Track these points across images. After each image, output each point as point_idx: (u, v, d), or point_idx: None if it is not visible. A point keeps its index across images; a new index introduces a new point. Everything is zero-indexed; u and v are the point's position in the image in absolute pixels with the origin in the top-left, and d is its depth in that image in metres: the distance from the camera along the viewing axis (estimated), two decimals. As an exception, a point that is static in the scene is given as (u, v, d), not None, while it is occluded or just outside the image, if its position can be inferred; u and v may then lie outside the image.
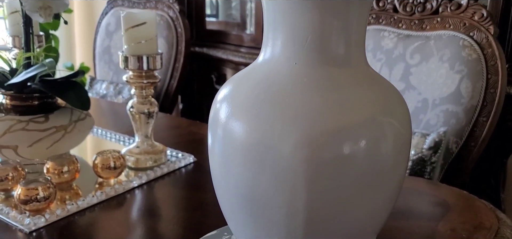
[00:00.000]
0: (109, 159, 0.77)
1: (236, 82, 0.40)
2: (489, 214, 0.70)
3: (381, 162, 0.37)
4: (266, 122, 0.36)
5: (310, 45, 0.37)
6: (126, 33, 0.80)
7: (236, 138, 0.37)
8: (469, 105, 0.96)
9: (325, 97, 0.36)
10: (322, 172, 0.35)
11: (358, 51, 0.38)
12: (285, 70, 0.37)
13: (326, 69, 0.37)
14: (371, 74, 0.39)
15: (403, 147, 0.38)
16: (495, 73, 0.96)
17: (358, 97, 0.37)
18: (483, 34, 0.98)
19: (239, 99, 0.38)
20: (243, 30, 1.80)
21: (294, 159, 0.35)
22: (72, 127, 0.83)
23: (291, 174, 0.35)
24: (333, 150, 0.35)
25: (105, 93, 1.61)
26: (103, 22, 1.77)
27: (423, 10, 1.07)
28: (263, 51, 0.40)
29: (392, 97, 0.38)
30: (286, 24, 0.37)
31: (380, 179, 0.37)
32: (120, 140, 1.00)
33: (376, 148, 0.36)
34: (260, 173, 0.36)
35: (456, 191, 0.78)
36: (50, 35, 2.03)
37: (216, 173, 0.42)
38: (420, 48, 1.04)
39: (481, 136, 0.96)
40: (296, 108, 0.35)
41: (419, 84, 1.02)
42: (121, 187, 0.75)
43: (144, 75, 0.82)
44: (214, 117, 0.41)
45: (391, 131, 0.37)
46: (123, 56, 0.81)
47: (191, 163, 0.86)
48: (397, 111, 0.38)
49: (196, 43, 1.78)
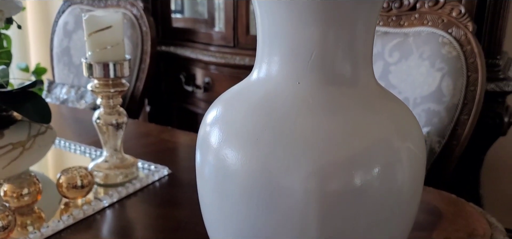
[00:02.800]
0: (75, 177, 0.69)
1: (228, 103, 0.35)
2: (480, 220, 0.68)
3: (397, 189, 0.33)
4: (269, 152, 0.30)
5: (314, 62, 0.32)
6: (90, 38, 0.73)
7: (232, 170, 0.32)
8: (450, 103, 0.94)
9: (334, 121, 0.31)
10: (336, 207, 0.30)
11: (366, 67, 0.34)
12: (287, 91, 0.32)
13: (333, 89, 0.32)
14: (381, 92, 0.35)
15: (419, 171, 0.34)
16: (475, 70, 0.94)
17: (370, 120, 0.32)
18: (462, 31, 0.96)
19: (234, 124, 0.33)
20: (212, 28, 1.73)
21: (303, 195, 0.30)
22: (31, 143, 0.75)
23: (301, 211, 0.30)
24: (345, 180, 0.30)
25: (65, 98, 1.50)
26: (60, 21, 1.66)
27: (400, 6, 1.05)
28: (257, 68, 0.35)
29: (405, 117, 0.34)
30: (286, 39, 0.32)
31: (397, 207, 0.33)
32: (86, 152, 0.92)
33: (392, 174, 0.32)
34: (264, 213, 0.31)
35: (444, 195, 0.76)
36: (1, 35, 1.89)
37: (206, 201, 0.36)
38: (399, 46, 1.02)
39: (463, 134, 0.94)
40: (302, 136, 0.30)
41: (399, 83, 1.00)
42: (90, 207, 0.68)
43: (111, 83, 0.75)
44: (203, 139, 0.35)
45: (406, 154, 0.33)
46: (87, 63, 0.73)
47: (165, 176, 0.80)
48: (412, 133, 0.34)
49: (162, 42, 1.70)
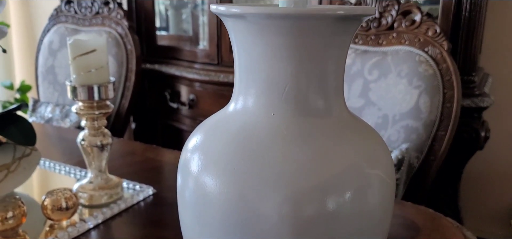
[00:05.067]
0: (60, 199, 0.70)
1: (208, 132, 0.37)
2: (456, 233, 0.70)
3: (368, 213, 0.35)
4: (245, 180, 0.32)
5: (288, 95, 0.34)
6: (74, 62, 0.74)
7: (210, 196, 0.34)
8: (428, 120, 0.97)
9: (306, 150, 0.33)
10: (309, 231, 0.32)
11: (338, 99, 0.36)
12: (263, 122, 0.34)
13: (306, 120, 0.34)
14: (352, 121, 0.37)
15: (388, 195, 0.36)
16: (451, 88, 0.97)
17: (340, 148, 0.34)
18: (437, 50, 1.00)
19: (213, 153, 0.35)
20: (196, 45, 1.75)
21: (278, 220, 0.32)
22: (16, 165, 0.75)
23: (276, 236, 0.32)
24: (318, 205, 0.32)
25: (50, 117, 1.50)
26: (45, 39, 1.66)
27: (378, 25, 1.08)
28: (235, 99, 0.37)
29: (375, 145, 0.36)
30: (261, 73, 0.34)
31: (369, 230, 0.35)
32: (71, 172, 0.92)
33: (363, 198, 0.34)
34: (240, 236, 0.32)
35: (422, 209, 0.78)
36: (-15, 53, 1.88)
37: (187, 222, 0.38)
38: (378, 64, 1.05)
39: (440, 149, 0.97)
40: (277, 164, 0.32)
41: (379, 100, 1.02)
42: (75, 229, 0.69)
43: (96, 105, 0.76)
44: (184, 164, 0.37)
45: (376, 179, 0.35)
46: (71, 86, 0.74)
47: (150, 195, 0.81)
48: (381, 160, 0.36)
49: (147, 60, 1.71)
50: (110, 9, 1.56)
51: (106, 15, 1.57)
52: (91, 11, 1.60)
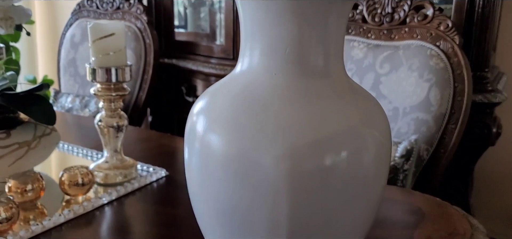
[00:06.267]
0: (76, 175, 0.73)
1: (213, 94, 0.39)
2: (462, 221, 0.71)
3: (363, 172, 0.36)
4: (246, 135, 0.35)
5: (289, 56, 0.36)
6: (94, 45, 0.77)
7: (214, 152, 0.36)
8: (438, 113, 0.98)
9: (306, 108, 0.35)
10: (304, 184, 0.34)
11: (337, 62, 0.38)
12: (265, 81, 0.36)
13: (306, 80, 0.36)
14: (350, 85, 0.39)
15: (384, 157, 0.38)
16: (462, 81, 0.98)
17: (339, 108, 0.36)
18: (449, 44, 1.00)
19: (217, 112, 0.37)
20: (213, 41, 1.79)
21: (275, 172, 0.34)
22: (37, 143, 0.79)
23: (272, 187, 0.34)
24: (314, 161, 0.34)
25: (70, 107, 1.55)
26: (68, 33, 1.72)
27: (391, 20, 1.09)
28: (241, 62, 0.39)
29: (372, 107, 0.38)
30: (264, 35, 0.36)
31: (362, 189, 0.37)
32: (88, 155, 0.96)
33: (358, 158, 0.36)
34: (240, 187, 0.35)
35: (429, 198, 0.78)
36: (10, 47, 1.95)
37: (194, 187, 0.40)
38: (389, 58, 1.06)
39: (450, 143, 0.98)
40: (276, 121, 0.34)
41: (390, 93, 1.04)
42: (90, 204, 0.72)
43: (113, 87, 0.79)
44: (190, 130, 0.39)
45: (372, 141, 0.37)
46: (91, 68, 0.78)
47: (163, 177, 0.84)
48: (377, 122, 0.38)
49: (165, 55, 1.75)
50: (130, 4, 1.61)
51: (126, 10, 1.62)
52: (112, 6, 1.65)
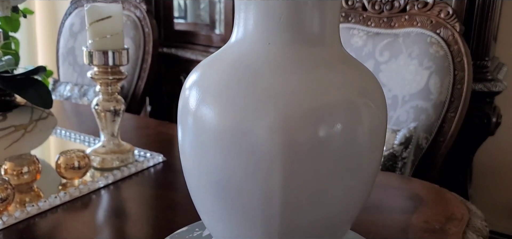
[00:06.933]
0: (73, 159, 0.73)
1: (206, 66, 0.38)
2: (460, 206, 0.70)
3: (358, 144, 0.36)
4: (239, 105, 0.34)
5: (283, 24, 0.35)
6: (91, 28, 0.77)
7: (207, 124, 0.35)
8: (437, 101, 0.98)
9: (300, 77, 0.34)
10: (298, 155, 0.34)
11: (333, 32, 0.37)
12: (259, 51, 0.36)
13: (301, 49, 0.36)
14: (346, 55, 0.38)
15: (379, 129, 0.37)
16: (462, 69, 0.97)
17: (334, 78, 0.35)
18: (449, 31, 1.00)
19: (210, 83, 0.36)
20: (212, 30, 1.78)
21: (269, 142, 0.33)
22: (33, 126, 0.79)
23: (266, 157, 0.33)
24: (309, 132, 0.34)
25: (69, 96, 1.55)
26: (67, 22, 1.71)
27: (391, 8, 1.08)
28: (235, 32, 0.38)
29: (368, 79, 0.38)
30: (258, 2, 0.35)
31: (357, 161, 0.36)
32: (85, 140, 0.96)
33: (353, 129, 0.35)
34: (234, 158, 0.34)
35: (427, 184, 0.78)
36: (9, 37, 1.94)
37: (188, 164, 0.40)
38: (389, 46, 1.05)
39: (449, 131, 0.97)
40: (270, 90, 0.34)
41: (389, 81, 1.03)
42: (86, 187, 0.71)
43: (110, 71, 0.79)
44: (183, 107, 0.39)
45: (367, 112, 0.36)
46: (87, 51, 0.77)
47: (160, 162, 0.83)
48: (373, 93, 0.37)
49: (164, 44, 1.74)
50: (129, -7, 1.60)
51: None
52: (111, -5, 1.64)
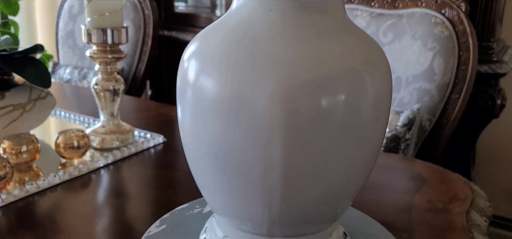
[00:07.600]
0: (72, 138, 0.72)
1: (205, 35, 0.37)
2: (463, 186, 0.70)
3: (362, 114, 0.34)
4: (239, 74, 0.33)
5: (285, -10, 0.34)
6: (89, 5, 0.75)
7: (207, 94, 0.34)
8: (441, 82, 0.96)
9: (302, 45, 0.33)
10: (299, 125, 0.33)
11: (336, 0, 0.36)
12: (259, 18, 0.34)
13: (303, 16, 0.34)
14: (350, 24, 0.37)
15: (384, 98, 0.36)
16: (467, 50, 0.96)
17: (337, 46, 0.34)
18: (455, 11, 0.98)
19: (209, 52, 0.35)
20: (213, 13, 1.76)
21: (269, 112, 0.32)
22: (32, 106, 0.78)
23: (266, 127, 0.32)
24: (310, 101, 0.32)
25: (69, 78, 1.54)
26: (66, 5, 1.69)
27: (395, -12, 1.07)
28: (233, 4, 0.37)
29: (372, 48, 0.36)
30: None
31: (361, 132, 0.35)
32: (85, 121, 0.95)
33: (356, 99, 0.34)
34: (233, 127, 0.33)
35: (430, 165, 0.77)
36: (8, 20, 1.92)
37: (188, 138, 0.39)
38: (393, 27, 1.03)
39: (453, 113, 0.96)
40: (271, 58, 0.32)
41: (392, 63, 1.01)
42: (86, 167, 0.70)
43: (109, 49, 0.77)
44: (182, 80, 0.37)
45: (371, 81, 0.35)
46: (86, 29, 0.76)
47: (161, 143, 0.83)
48: (377, 62, 0.36)
49: (164, 27, 1.73)
50: (129, -25, 1.58)
51: (125, -19, 1.59)
52: (111, -23, 1.62)
